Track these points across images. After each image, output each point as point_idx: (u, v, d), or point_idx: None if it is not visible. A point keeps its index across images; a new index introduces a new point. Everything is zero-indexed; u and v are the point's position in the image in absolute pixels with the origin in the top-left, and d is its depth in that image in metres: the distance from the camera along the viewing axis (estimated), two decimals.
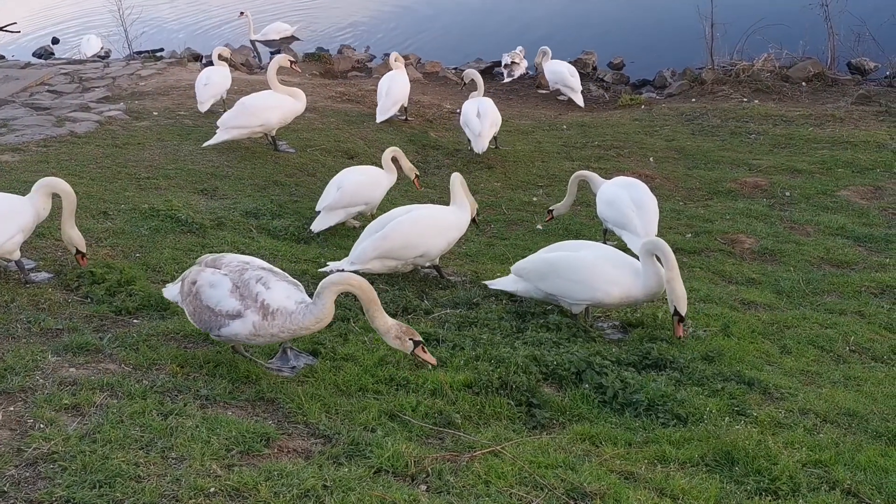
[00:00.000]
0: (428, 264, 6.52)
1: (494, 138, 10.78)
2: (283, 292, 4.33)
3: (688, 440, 4.19)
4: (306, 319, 4.24)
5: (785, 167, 10.28)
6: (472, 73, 11.33)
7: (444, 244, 6.32)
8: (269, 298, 4.28)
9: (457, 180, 6.41)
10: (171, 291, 4.92)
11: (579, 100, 14.38)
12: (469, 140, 10.62)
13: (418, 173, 6.84)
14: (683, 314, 5.30)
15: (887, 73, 14.61)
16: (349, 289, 4.22)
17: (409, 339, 4.23)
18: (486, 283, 6.22)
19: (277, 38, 19.22)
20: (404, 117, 12.09)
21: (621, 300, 5.52)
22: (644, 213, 6.95)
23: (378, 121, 11.49)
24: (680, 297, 5.26)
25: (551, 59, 14.76)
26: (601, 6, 19.58)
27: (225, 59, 11.59)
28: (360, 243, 6.34)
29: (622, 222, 7.01)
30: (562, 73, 14.34)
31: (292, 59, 8.13)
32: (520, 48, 16.52)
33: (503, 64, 16.25)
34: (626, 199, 7.05)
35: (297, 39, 19.54)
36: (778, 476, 3.84)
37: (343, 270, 5.81)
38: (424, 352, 4.29)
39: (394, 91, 11.46)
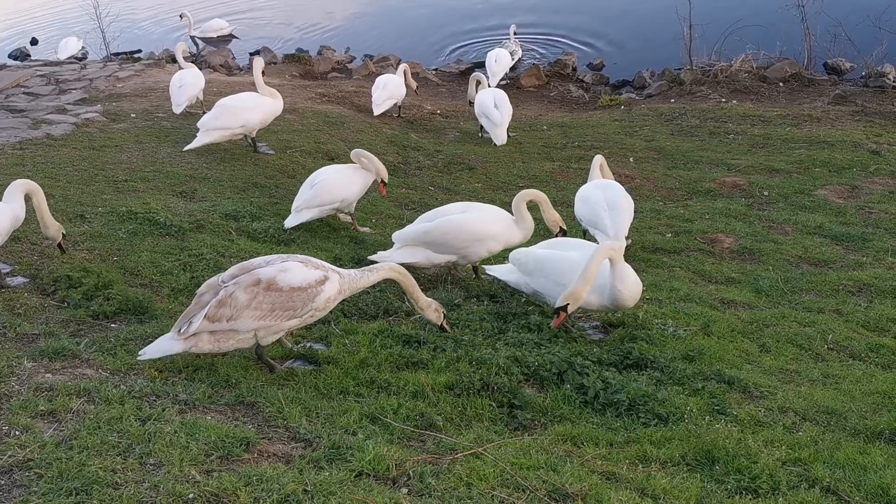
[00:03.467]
0: (467, 264, 6.65)
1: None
2: (330, 265, 4.84)
3: (669, 440, 4.20)
4: (363, 282, 4.84)
5: (763, 167, 10.36)
6: (478, 76, 12.03)
7: (483, 252, 6.40)
8: (332, 267, 4.79)
9: (522, 198, 6.37)
10: (170, 345, 4.45)
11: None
12: (483, 130, 11.53)
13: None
14: (568, 310, 5.16)
15: (863, 73, 14.74)
16: (396, 276, 4.90)
17: (442, 312, 5.16)
18: (486, 267, 6.34)
19: (215, 35, 19.72)
20: (397, 114, 12.79)
21: (599, 306, 5.52)
22: (616, 213, 6.97)
23: (375, 114, 12.19)
24: (575, 294, 5.12)
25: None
26: (580, 8, 19.64)
27: (187, 57, 11.82)
28: (408, 227, 6.62)
29: (594, 221, 7.05)
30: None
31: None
32: (513, 25, 17.36)
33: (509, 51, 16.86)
34: (601, 199, 7.09)
35: (235, 38, 19.96)
36: (758, 475, 3.86)
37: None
38: (448, 322, 5.25)
39: (390, 86, 12.29)
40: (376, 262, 5.86)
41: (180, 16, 19.99)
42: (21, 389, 4.06)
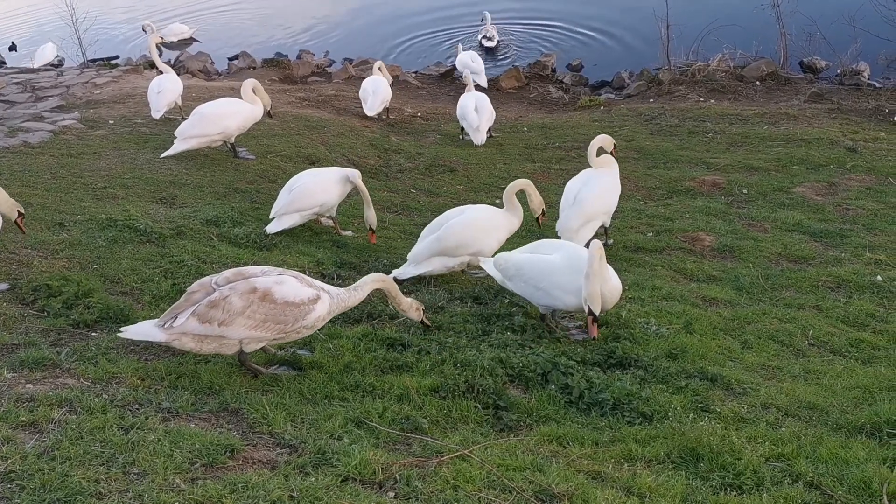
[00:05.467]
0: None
1: (489, 129, 11.85)
2: (320, 282, 4.88)
3: (653, 438, 4.22)
4: (351, 300, 4.87)
5: (742, 165, 10.44)
6: (467, 74, 12.60)
7: (494, 244, 6.54)
8: (324, 286, 4.79)
9: (512, 189, 6.57)
10: (152, 332, 4.44)
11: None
12: (464, 132, 11.84)
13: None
14: (595, 313, 5.16)
15: (838, 71, 14.93)
16: (382, 285, 5.00)
17: (421, 309, 5.29)
18: (481, 261, 6.36)
19: (176, 39, 19.68)
20: (386, 116, 12.93)
21: (578, 308, 5.54)
22: (575, 206, 7.17)
23: (370, 115, 12.46)
24: (591, 296, 5.13)
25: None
26: (559, 9, 19.73)
27: (160, 43, 11.79)
28: (417, 245, 6.71)
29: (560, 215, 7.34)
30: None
31: None
32: (486, 12, 18.19)
33: (483, 36, 17.94)
34: (569, 191, 7.35)
35: (196, 41, 19.93)
36: (742, 471, 3.89)
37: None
38: (427, 317, 5.40)
39: (380, 91, 12.44)
40: (395, 278, 6.40)
41: (143, 28, 19.93)
42: (1, 400, 4.01)
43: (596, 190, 7.26)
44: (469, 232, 6.48)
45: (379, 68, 12.97)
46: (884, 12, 14.10)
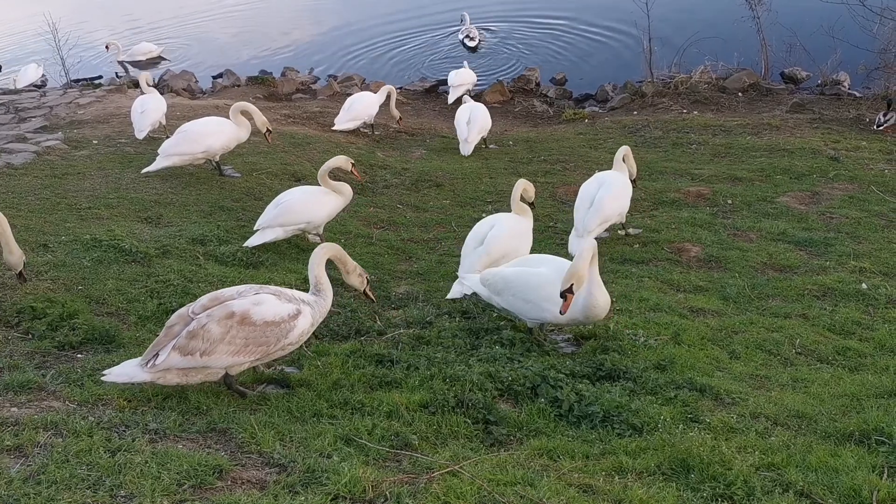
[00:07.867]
0: None
1: (484, 140, 12.26)
2: (298, 293, 4.84)
3: (644, 450, 4.22)
4: (326, 304, 4.88)
5: (726, 175, 10.51)
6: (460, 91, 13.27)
7: (527, 248, 6.82)
8: (302, 297, 4.76)
9: (515, 195, 6.83)
10: (136, 373, 4.37)
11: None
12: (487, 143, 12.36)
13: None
14: (567, 290, 5.05)
15: (819, 81, 15.10)
16: (331, 254, 5.02)
17: (366, 278, 5.25)
18: (460, 274, 6.44)
19: (144, 58, 19.75)
20: (370, 132, 13.00)
21: (569, 321, 5.55)
22: (592, 211, 7.37)
23: (333, 128, 12.52)
24: (572, 274, 5.06)
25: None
26: (542, 22, 19.86)
27: (152, 86, 11.80)
28: (465, 258, 6.80)
29: (574, 216, 7.64)
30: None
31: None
32: (465, 13, 18.90)
33: (465, 36, 18.64)
34: (585, 195, 7.70)
35: (165, 59, 20.00)
36: (733, 481, 3.88)
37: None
38: (371, 289, 5.37)
39: (354, 107, 12.54)
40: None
41: (106, 46, 19.94)
42: None
43: (616, 189, 7.76)
44: (511, 241, 6.71)
45: (388, 94, 12.94)
46: (862, 23, 14.27)
